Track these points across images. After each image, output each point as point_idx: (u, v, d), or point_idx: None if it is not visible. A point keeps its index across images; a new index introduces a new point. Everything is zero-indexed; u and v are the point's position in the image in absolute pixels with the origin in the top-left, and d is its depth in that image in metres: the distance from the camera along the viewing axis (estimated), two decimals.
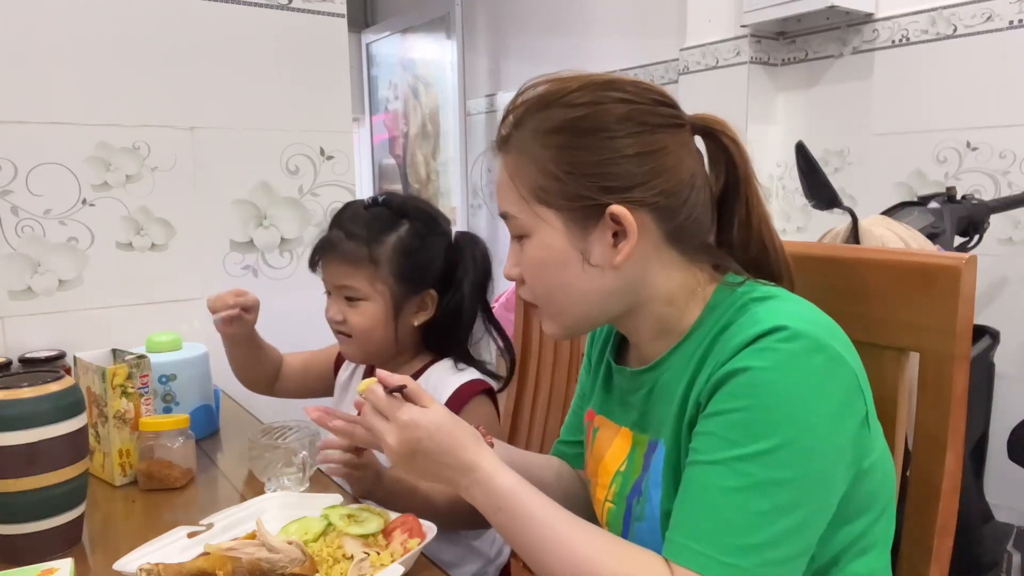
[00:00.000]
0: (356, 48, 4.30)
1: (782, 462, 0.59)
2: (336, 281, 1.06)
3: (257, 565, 0.69)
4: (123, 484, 1.02)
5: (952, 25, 1.94)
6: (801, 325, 0.62)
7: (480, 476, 0.68)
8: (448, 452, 0.69)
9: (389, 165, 4.38)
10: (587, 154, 0.68)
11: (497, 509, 0.67)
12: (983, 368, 1.63)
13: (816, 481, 0.60)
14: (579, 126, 0.68)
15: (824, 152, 2.22)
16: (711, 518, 0.60)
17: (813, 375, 0.61)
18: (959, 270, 0.72)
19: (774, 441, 0.59)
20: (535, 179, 0.70)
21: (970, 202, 1.72)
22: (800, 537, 0.60)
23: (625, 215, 0.67)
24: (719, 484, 0.60)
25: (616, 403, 0.81)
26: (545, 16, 3.19)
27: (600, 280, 0.70)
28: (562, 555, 0.63)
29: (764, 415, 0.60)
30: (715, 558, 0.59)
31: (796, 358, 0.60)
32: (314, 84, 1.63)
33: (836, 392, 0.62)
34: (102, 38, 1.38)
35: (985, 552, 1.65)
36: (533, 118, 0.71)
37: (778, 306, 0.66)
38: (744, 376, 0.61)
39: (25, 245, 1.34)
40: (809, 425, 0.60)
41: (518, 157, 0.71)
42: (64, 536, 0.83)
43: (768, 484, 0.59)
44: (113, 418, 1.00)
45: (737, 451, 0.60)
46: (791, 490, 0.59)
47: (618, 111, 0.68)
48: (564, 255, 0.70)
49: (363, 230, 1.04)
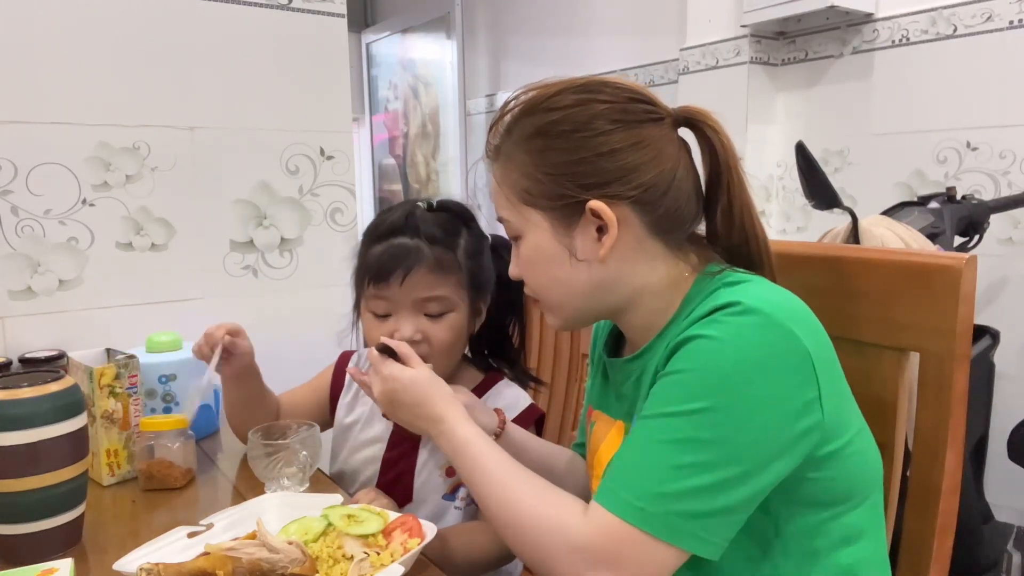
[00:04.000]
0: (356, 48, 4.30)
1: (710, 423, 0.62)
2: (422, 294, 0.95)
3: (257, 565, 0.69)
4: (111, 484, 1.02)
5: (952, 25, 1.94)
6: (756, 303, 0.64)
7: (445, 427, 0.77)
8: (420, 404, 0.80)
9: (389, 165, 4.38)
10: (564, 154, 0.72)
11: (455, 454, 0.76)
12: (983, 368, 1.63)
13: (743, 449, 0.62)
14: (556, 129, 0.72)
15: (824, 152, 2.22)
16: (634, 465, 0.65)
17: (757, 348, 0.63)
18: (959, 270, 0.72)
19: (706, 403, 0.62)
20: (520, 183, 0.74)
21: (970, 202, 1.71)
22: (716, 497, 0.62)
23: (603, 209, 0.70)
24: (649, 436, 0.65)
25: (612, 397, 0.84)
26: (545, 16, 3.19)
27: (588, 274, 0.74)
28: (497, 495, 0.71)
29: (702, 378, 0.63)
30: (628, 501, 0.63)
31: (743, 329, 0.63)
32: (314, 84, 1.63)
33: (779, 368, 0.63)
34: (102, 38, 1.38)
35: (985, 552, 1.65)
36: (517, 125, 0.75)
37: (744, 288, 0.68)
38: (692, 343, 0.65)
39: (25, 245, 1.34)
40: (745, 394, 0.62)
41: (505, 164, 0.76)
42: (64, 536, 0.83)
43: (692, 441, 0.62)
44: (100, 418, 1.00)
45: (672, 408, 0.64)
46: (714, 451, 0.62)
47: (592, 111, 0.71)
48: (552, 252, 0.74)
49: (441, 233, 0.97)
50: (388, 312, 0.97)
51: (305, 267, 1.65)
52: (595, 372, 0.91)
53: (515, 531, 0.69)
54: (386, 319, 0.97)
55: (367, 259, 0.98)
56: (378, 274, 0.95)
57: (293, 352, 1.54)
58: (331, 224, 1.68)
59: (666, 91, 2.61)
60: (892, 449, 0.79)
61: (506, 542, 0.72)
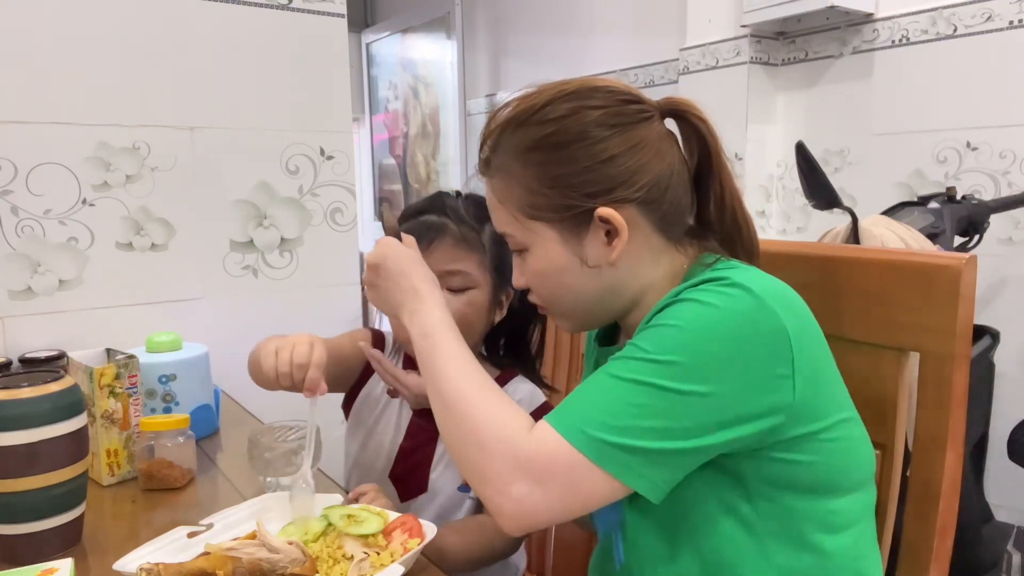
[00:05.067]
0: (356, 48, 4.30)
1: (673, 376, 0.63)
2: (445, 266, 0.97)
3: (257, 565, 0.69)
4: (111, 484, 1.02)
5: (952, 25, 1.94)
6: (742, 280, 0.65)
7: (423, 305, 0.77)
8: (405, 276, 0.80)
9: (389, 165, 4.38)
10: (566, 166, 0.72)
11: (424, 335, 0.76)
12: (983, 368, 1.63)
13: (699, 406, 0.63)
14: (554, 140, 0.72)
15: (824, 152, 2.22)
16: (591, 396, 0.66)
17: (733, 317, 0.64)
18: (959, 270, 0.72)
19: (676, 357, 0.63)
20: (523, 198, 0.74)
21: (970, 202, 1.72)
22: (662, 440, 0.63)
23: (613, 215, 0.71)
24: (612, 373, 0.66)
25: None
26: (545, 16, 3.19)
27: (599, 278, 0.74)
28: (453, 386, 0.71)
29: (677, 334, 0.64)
30: (576, 425, 0.64)
31: (723, 298, 0.65)
32: (314, 84, 1.63)
33: (753, 340, 0.64)
34: (102, 38, 1.38)
35: (985, 552, 1.65)
36: (509, 139, 0.74)
37: (735, 270, 0.69)
38: (677, 303, 0.66)
39: (25, 245, 1.34)
40: (714, 357, 0.63)
41: (503, 180, 0.75)
42: (64, 536, 0.83)
43: (652, 386, 0.63)
44: (100, 418, 1.01)
45: (639, 354, 0.65)
46: (670, 400, 0.63)
47: (586, 119, 0.72)
48: (562, 262, 0.74)
49: (468, 215, 1.00)
50: None
51: (305, 267, 1.65)
52: (590, 366, 0.92)
53: (459, 426, 0.70)
54: None
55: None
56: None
57: None
58: (331, 224, 1.68)
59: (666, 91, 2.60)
60: (892, 449, 0.79)
61: (442, 432, 0.72)
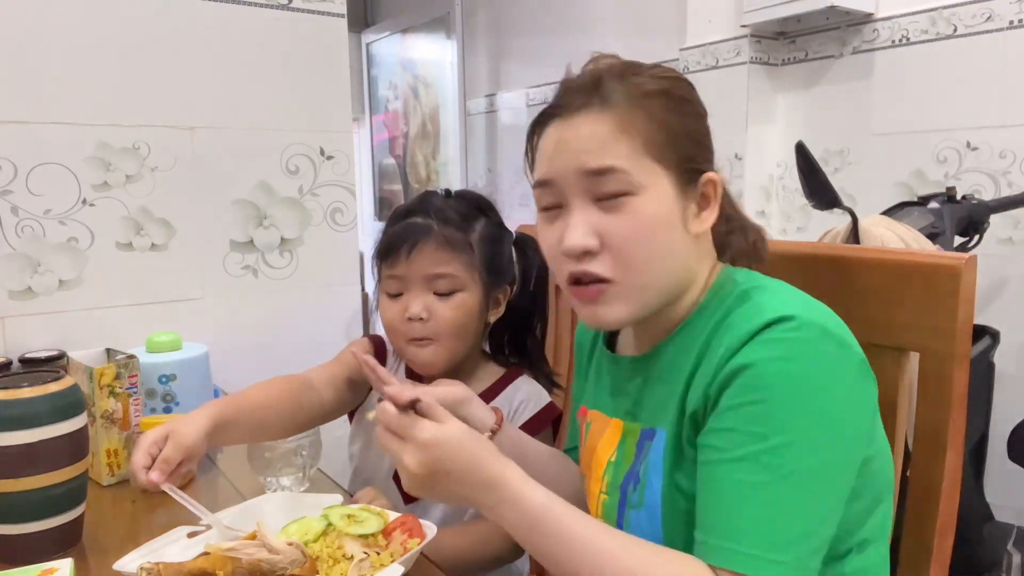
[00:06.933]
0: (356, 48, 4.30)
1: (806, 451, 0.59)
2: (430, 269, 0.95)
3: (257, 565, 0.69)
4: (111, 484, 1.02)
5: (952, 25, 1.94)
6: (805, 313, 0.62)
7: (508, 493, 0.63)
8: (472, 471, 0.64)
9: (389, 165, 4.38)
10: (689, 121, 0.71)
11: (530, 528, 0.63)
12: (983, 368, 1.63)
13: (839, 467, 0.61)
14: (675, 94, 0.70)
15: (824, 152, 2.22)
16: (747, 516, 0.59)
17: (825, 362, 0.61)
18: (959, 270, 0.72)
19: (796, 431, 0.59)
20: (649, 134, 0.67)
21: (970, 202, 1.72)
22: (830, 524, 0.61)
23: (719, 181, 0.71)
24: (749, 480, 0.59)
25: (607, 394, 0.82)
26: (545, 16, 3.19)
27: (686, 250, 0.70)
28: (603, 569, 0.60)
29: (782, 406, 0.59)
30: (760, 556, 0.58)
31: (806, 346, 0.61)
32: (314, 84, 1.63)
33: (848, 377, 0.62)
34: (102, 38, 1.38)
35: (985, 552, 1.65)
36: (627, 82, 0.69)
37: (779, 296, 0.66)
38: (757, 368, 0.60)
39: (25, 245, 1.34)
40: (827, 412, 0.60)
41: (628, 111, 0.68)
42: (64, 536, 0.83)
43: (796, 475, 0.59)
44: (100, 418, 1.01)
45: (761, 445, 0.59)
46: (818, 478, 0.59)
47: (691, 91, 0.73)
48: (671, 216, 0.68)
49: (455, 215, 0.98)
50: (400, 291, 0.99)
51: (305, 267, 1.65)
52: (584, 372, 0.89)
53: None
54: (398, 298, 0.99)
55: (381, 240, 1.01)
56: (387, 250, 0.98)
57: (293, 352, 1.54)
58: (331, 224, 1.68)
59: None
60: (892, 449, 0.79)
61: None
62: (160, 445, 0.80)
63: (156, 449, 0.80)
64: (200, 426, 0.83)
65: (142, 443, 0.80)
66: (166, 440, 0.80)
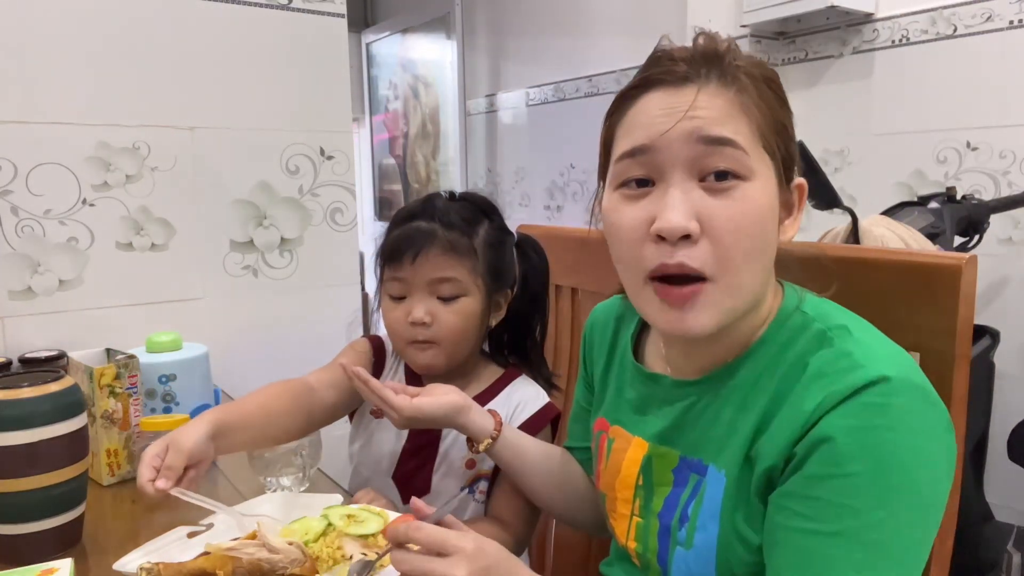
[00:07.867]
0: (356, 48, 4.30)
1: (909, 524, 0.56)
2: (435, 274, 0.95)
3: (257, 565, 0.69)
4: (111, 484, 1.02)
5: (952, 25, 1.94)
6: (899, 372, 0.57)
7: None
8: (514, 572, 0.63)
9: (389, 165, 4.38)
10: (790, 118, 0.66)
11: None
12: (983, 368, 1.63)
13: (931, 535, 0.58)
14: (780, 90, 0.66)
15: (824, 152, 2.22)
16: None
17: (928, 430, 0.57)
18: (959, 270, 0.72)
19: (899, 504, 0.55)
20: (764, 122, 0.62)
21: (970, 202, 1.72)
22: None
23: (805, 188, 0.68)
24: (849, 558, 0.55)
25: (631, 410, 0.77)
26: (545, 16, 3.19)
27: (773, 258, 0.66)
28: None
29: (886, 479, 0.55)
30: None
31: (904, 415, 0.56)
32: (314, 84, 1.63)
33: (943, 441, 0.59)
34: (102, 38, 1.38)
35: (985, 552, 1.65)
36: (744, 60, 0.64)
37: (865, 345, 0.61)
38: (853, 437, 0.56)
39: (25, 245, 1.34)
40: (929, 481, 0.57)
41: (749, 92, 0.62)
42: (64, 536, 0.83)
43: (898, 549, 0.56)
44: (100, 418, 1.01)
45: (861, 520, 0.55)
46: (913, 553, 0.57)
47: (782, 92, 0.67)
48: (772, 208, 0.63)
49: (459, 220, 0.97)
50: (403, 294, 0.98)
51: (305, 267, 1.65)
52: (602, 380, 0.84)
53: None
54: (401, 301, 0.99)
55: (385, 242, 1.01)
56: (392, 254, 0.97)
57: (293, 352, 1.55)
58: (331, 224, 1.68)
59: None
60: None
61: None
62: (162, 457, 0.80)
63: (159, 461, 0.80)
64: (199, 431, 0.83)
65: (144, 458, 0.80)
66: (167, 451, 0.81)
